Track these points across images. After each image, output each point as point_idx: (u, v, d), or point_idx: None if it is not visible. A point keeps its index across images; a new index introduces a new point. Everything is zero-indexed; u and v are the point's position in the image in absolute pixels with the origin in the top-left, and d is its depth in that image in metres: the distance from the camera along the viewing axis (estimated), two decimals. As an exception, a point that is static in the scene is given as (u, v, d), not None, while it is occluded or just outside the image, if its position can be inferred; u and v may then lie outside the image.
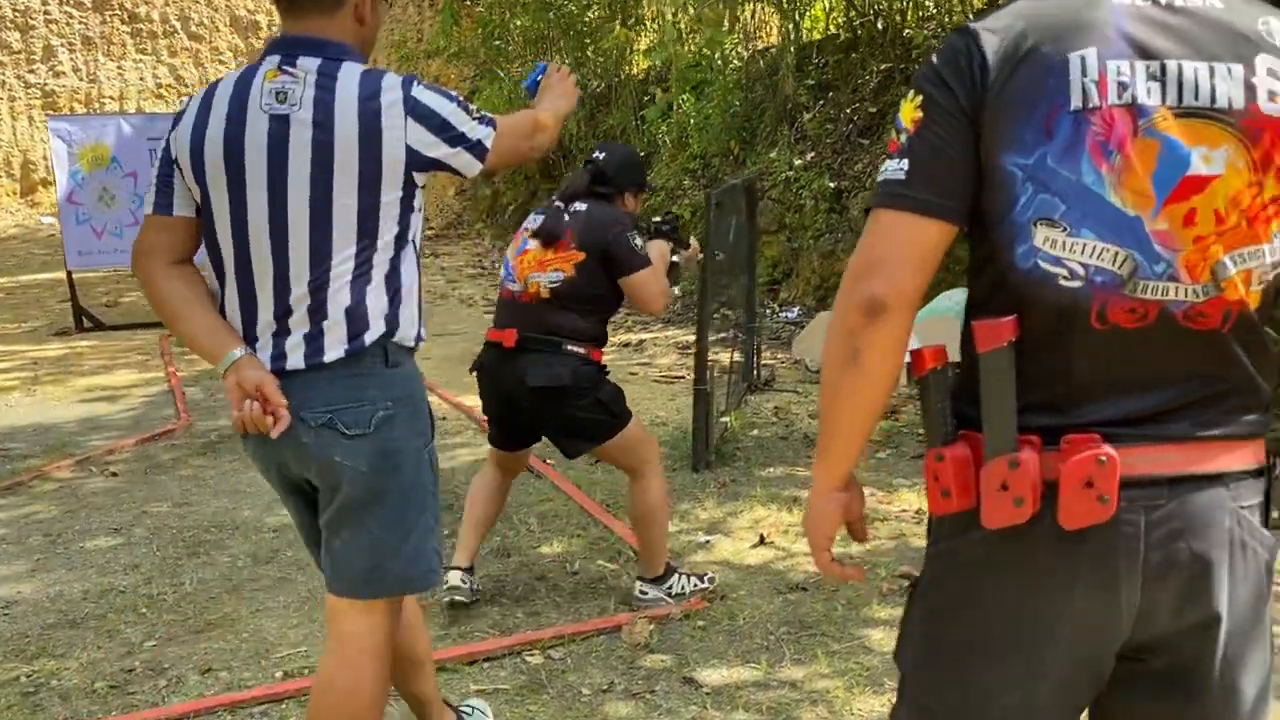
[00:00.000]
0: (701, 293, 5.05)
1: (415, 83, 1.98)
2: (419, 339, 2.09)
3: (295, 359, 1.94)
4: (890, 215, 1.24)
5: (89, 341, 8.55)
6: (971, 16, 8.34)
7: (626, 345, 7.67)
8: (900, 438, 5.17)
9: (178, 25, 17.19)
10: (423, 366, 6.88)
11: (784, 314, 8.31)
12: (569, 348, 3.13)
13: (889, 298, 1.22)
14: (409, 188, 1.97)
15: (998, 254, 1.25)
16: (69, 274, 8.96)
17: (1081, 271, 1.21)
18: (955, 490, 1.25)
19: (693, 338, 6.68)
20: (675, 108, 10.99)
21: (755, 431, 5.38)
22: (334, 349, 1.94)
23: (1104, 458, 1.18)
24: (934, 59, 1.25)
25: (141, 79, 17.12)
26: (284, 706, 2.81)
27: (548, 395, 3.12)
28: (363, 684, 2.04)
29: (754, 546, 3.82)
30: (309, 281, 1.93)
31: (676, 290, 4.20)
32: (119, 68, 16.97)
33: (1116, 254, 1.20)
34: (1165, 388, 1.23)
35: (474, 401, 6.15)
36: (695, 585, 3.37)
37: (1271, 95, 1.18)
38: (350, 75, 1.93)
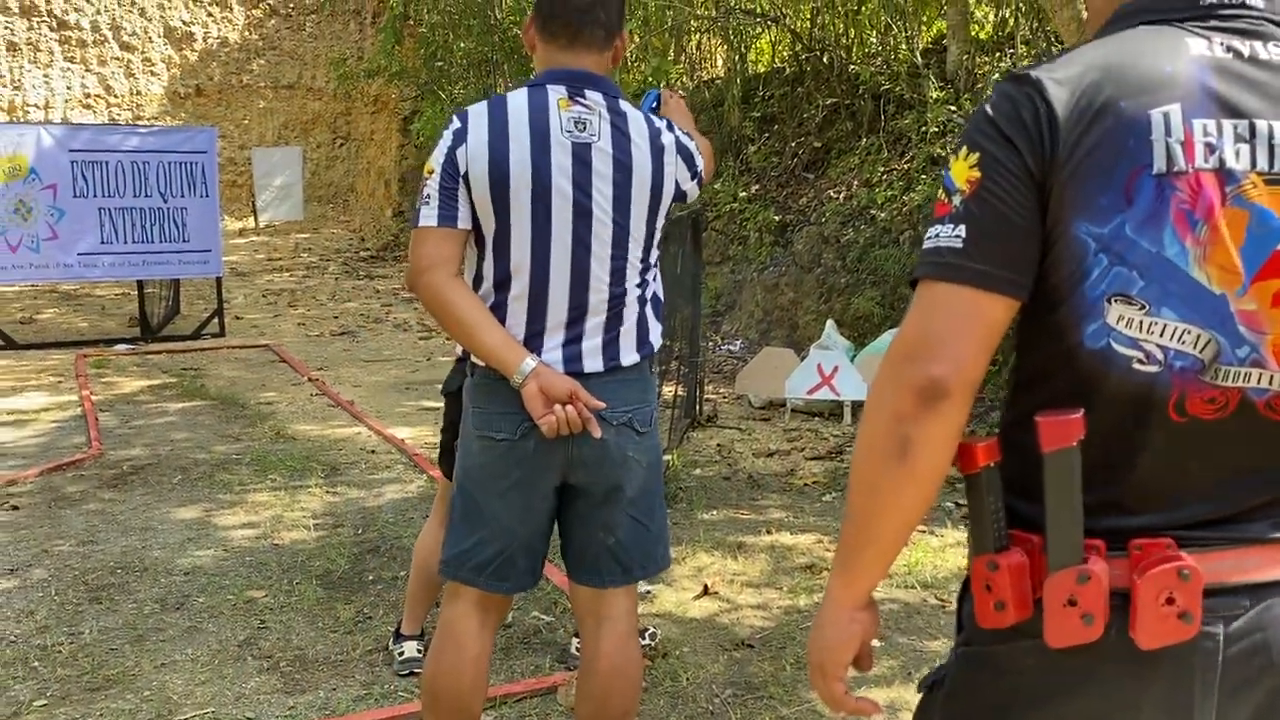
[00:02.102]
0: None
1: (673, 125, 2.21)
2: None
3: (593, 362, 2.11)
4: (946, 289, 1.08)
5: (-1, 361, 8.13)
6: (916, 57, 8.36)
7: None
8: (846, 480, 5.04)
9: (109, 34, 16.68)
10: (353, 394, 6.55)
11: (726, 346, 8.21)
12: None
13: (951, 381, 1.06)
14: (666, 217, 2.21)
15: (1063, 332, 1.09)
16: (-20, 289, 8.54)
17: (1160, 355, 1.08)
18: (1012, 602, 1.09)
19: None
20: (619, 135, 10.88)
21: (698, 470, 5.22)
22: (629, 354, 2.14)
23: (1187, 571, 1.04)
24: (988, 111, 1.10)
25: (69, 88, 16.56)
26: (185, 778, 2.57)
27: None
28: (634, 661, 2.24)
29: (697, 598, 3.65)
30: (609, 296, 2.11)
31: None
32: (45, 76, 16.40)
33: (1198, 336, 1.07)
34: (1242, 484, 1.10)
35: (406, 433, 5.97)
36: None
37: None
38: (635, 114, 2.14)
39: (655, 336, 2.20)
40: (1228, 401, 1.08)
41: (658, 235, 2.19)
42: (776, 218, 8.56)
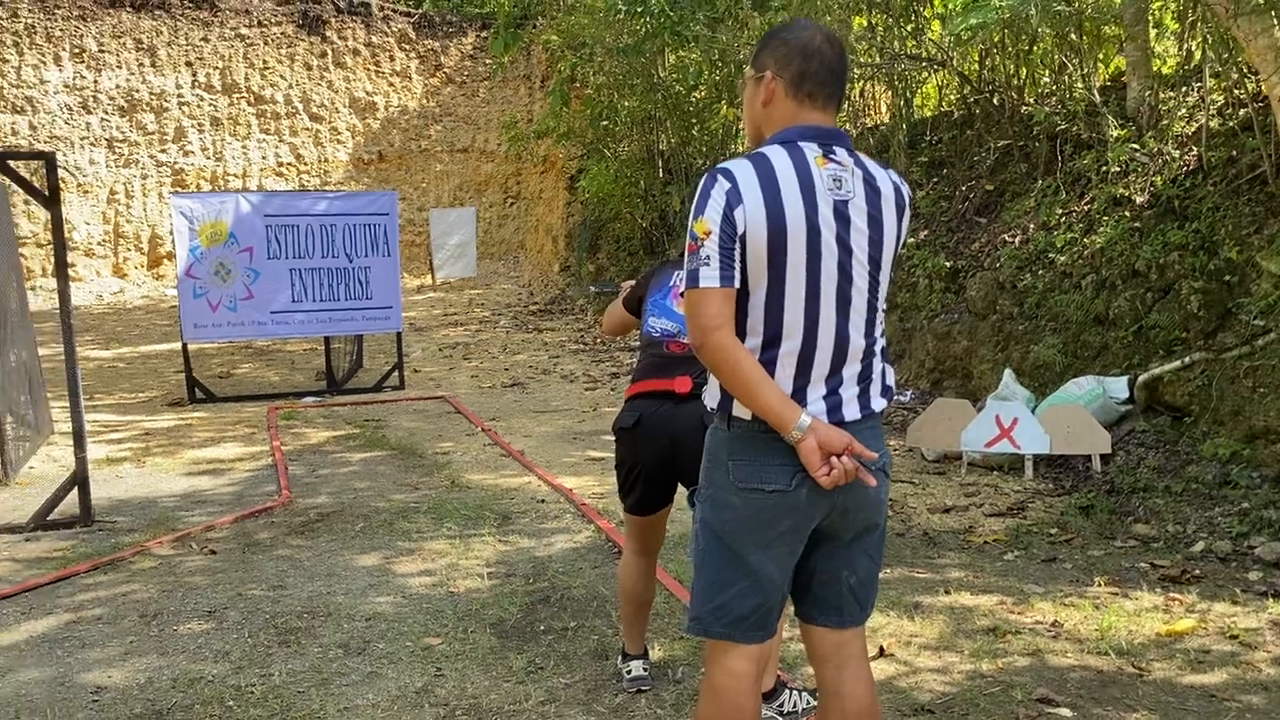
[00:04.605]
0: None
1: (901, 178, 2.25)
2: None
3: (852, 411, 2.15)
4: None
5: (200, 413, 8.70)
6: (1094, 94, 8.04)
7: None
8: (1029, 538, 4.80)
9: (300, 106, 17.85)
10: (522, 444, 6.66)
11: (896, 397, 7.99)
12: None
13: None
14: None
15: None
16: (184, 346, 9.19)
17: None
18: None
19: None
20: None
21: (869, 525, 5.07)
22: (877, 400, 2.20)
23: None
24: None
25: (264, 157, 17.77)
26: (366, 823, 2.63)
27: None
28: (876, 698, 2.32)
29: (874, 659, 3.51)
30: (864, 347, 2.16)
31: None
32: (244, 147, 17.65)
33: None
34: None
35: (573, 483, 6.04)
36: (809, 703, 3.09)
37: None
38: (879, 172, 2.17)
39: (892, 381, 2.26)
40: None
41: None
42: (947, 264, 8.33)
